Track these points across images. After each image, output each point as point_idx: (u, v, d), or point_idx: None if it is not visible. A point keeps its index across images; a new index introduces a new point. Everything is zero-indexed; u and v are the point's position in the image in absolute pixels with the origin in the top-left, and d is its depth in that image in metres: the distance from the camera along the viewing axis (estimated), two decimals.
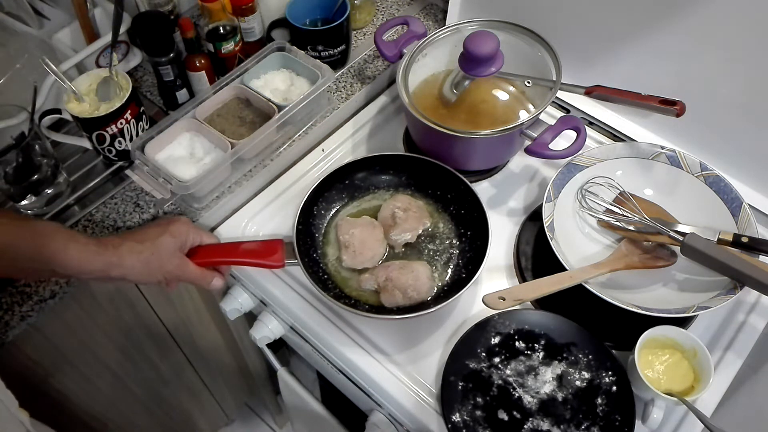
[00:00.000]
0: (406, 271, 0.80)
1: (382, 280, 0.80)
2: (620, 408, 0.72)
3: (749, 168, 0.87)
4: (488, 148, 0.90)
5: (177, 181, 0.82)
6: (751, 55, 0.79)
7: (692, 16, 0.81)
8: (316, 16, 1.04)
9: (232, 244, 0.82)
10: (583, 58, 0.94)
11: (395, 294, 0.79)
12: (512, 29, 0.90)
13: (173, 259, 0.73)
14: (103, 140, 0.86)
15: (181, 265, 0.74)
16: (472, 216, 0.85)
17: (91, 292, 0.89)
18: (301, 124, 0.97)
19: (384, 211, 0.87)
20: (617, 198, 0.87)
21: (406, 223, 0.85)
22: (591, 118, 1.00)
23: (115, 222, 0.86)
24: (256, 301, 0.92)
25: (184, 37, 0.93)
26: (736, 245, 0.77)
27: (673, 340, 0.75)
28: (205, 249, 0.78)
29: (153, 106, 1.00)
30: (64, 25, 0.97)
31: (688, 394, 0.72)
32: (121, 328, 1.00)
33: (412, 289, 0.79)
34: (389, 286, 0.79)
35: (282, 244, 0.81)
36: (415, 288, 0.79)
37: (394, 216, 0.86)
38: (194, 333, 1.17)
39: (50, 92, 0.88)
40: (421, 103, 0.88)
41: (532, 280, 0.83)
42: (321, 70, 0.94)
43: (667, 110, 0.80)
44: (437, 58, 0.94)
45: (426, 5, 1.17)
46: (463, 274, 0.83)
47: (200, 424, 1.47)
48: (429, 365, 0.79)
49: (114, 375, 1.05)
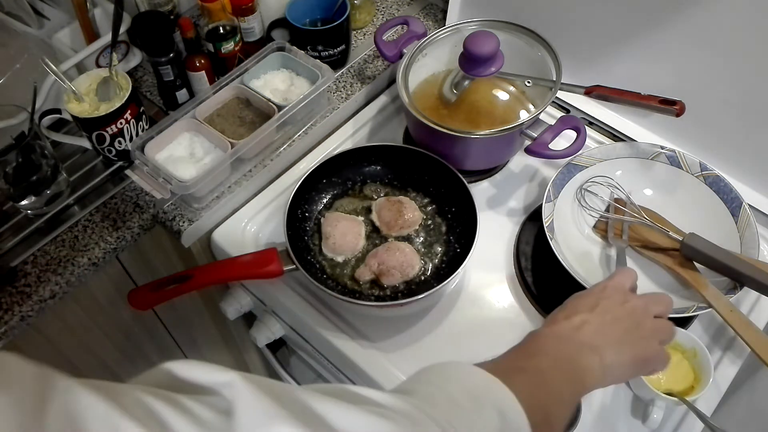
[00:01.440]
0: (393, 250, 0.82)
1: (376, 266, 0.81)
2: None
3: (749, 168, 0.87)
4: (488, 148, 0.90)
5: (177, 181, 0.82)
6: (751, 55, 0.79)
7: (692, 16, 0.81)
8: (316, 16, 1.04)
9: (227, 261, 0.82)
10: (583, 58, 0.94)
11: (394, 273, 0.80)
12: (512, 29, 0.90)
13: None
14: (103, 140, 0.86)
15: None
16: (461, 208, 0.86)
17: (91, 292, 0.89)
18: (301, 124, 0.97)
19: (377, 208, 0.87)
20: (612, 203, 0.86)
21: (401, 219, 0.85)
22: (591, 118, 1.00)
23: (115, 222, 0.86)
24: (256, 301, 0.92)
25: (184, 37, 0.93)
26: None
27: (673, 340, 0.75)
28: (201, 270, 0.79)
29: (153, 106, 1.00)
30: (64, 25, 0.97)
31: (688, 394, 0.72)
32: (121, 328, 1.00)
33: (406, 264, 0.81)
34: (384, 268, 0.80)
35: (276, 252, 0.81)
36: (407, 263, 0.81)
37: (388, 213, 0.86)
38: (194, 333, 1.17)
39: (50, 92, 0.88)
40: (421, 103, 0.88)
41: (531, 280, 0.83)
42: (321, 70, 0.94)
43: (667, 110, 0.80)
44: (437, 58, 0.94)
45: (426, 5, 1.17)
46: (458, 249, 0.84)
47: None
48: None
49: (114, 375, 1.05)
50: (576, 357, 0.53)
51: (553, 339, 0.54)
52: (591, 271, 0.82)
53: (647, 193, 0.89)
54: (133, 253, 0.92)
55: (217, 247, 0.90)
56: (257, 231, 0.91)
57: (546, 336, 0.55)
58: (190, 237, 0.89)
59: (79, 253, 0.83)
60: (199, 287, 0.79)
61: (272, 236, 0.90)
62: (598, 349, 0.53)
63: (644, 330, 0.57)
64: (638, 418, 0.74)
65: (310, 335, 0.85)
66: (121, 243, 0.85)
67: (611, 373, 0.54)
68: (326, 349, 0.84)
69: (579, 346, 0.53)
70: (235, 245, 0.88)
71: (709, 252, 0.76)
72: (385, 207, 0.86)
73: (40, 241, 0.84)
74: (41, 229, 0.86)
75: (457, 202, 0.86)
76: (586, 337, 0.54)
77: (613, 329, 0.55)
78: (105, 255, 0.84)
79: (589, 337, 0.54)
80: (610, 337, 0.55)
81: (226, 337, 1.24)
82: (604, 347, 0.54)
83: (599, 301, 0.57)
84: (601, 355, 0.53)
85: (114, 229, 0.85)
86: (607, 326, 0.55)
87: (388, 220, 0.85)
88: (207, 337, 1.21)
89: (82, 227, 0.86)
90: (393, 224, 0.84)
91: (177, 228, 0.87)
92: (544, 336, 0.55)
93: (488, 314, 0.83)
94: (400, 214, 0.85)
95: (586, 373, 0.52)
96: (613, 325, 0.56)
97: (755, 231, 0.80)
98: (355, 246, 0.84)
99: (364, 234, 0.86)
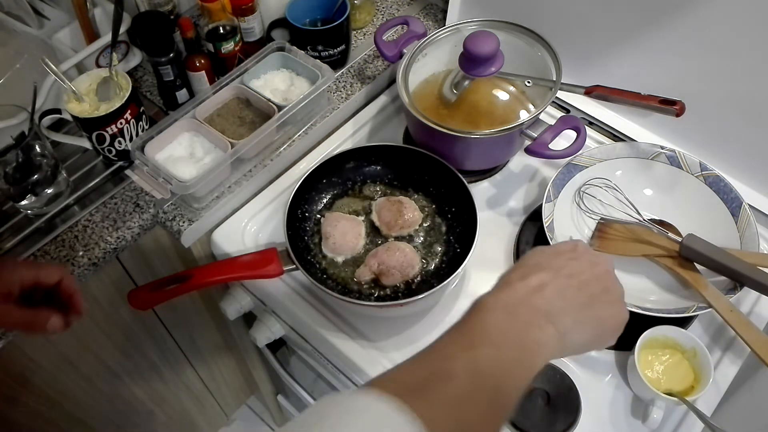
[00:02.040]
0: (393, 250, 0.82)
1: (376, 266, 0.81)
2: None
3: (749, 168, 0.87)
4: (488, 148, 0.90)
5: (177, 181, 0.82)
6: (751, 55, 0.79)
7: (692, 16, 0.80)
8: (316, 16, 1.04)
9: (227, 261, 0.82)
10: (583, 58, 0.94)
11: (394, 273, 0.80)
12: (512, 29, 0.90)
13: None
14: (103, 140, 0.86)
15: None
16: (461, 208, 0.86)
17: (91, 292, 0.89)
18: (301, 124, 0.97)
19: (377, 208, 0.87)
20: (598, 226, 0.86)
21: (401, 219, 0.85)
22: (591, 118, 1.00)
23: (115, 222, 0.86)
24: (256, 301, 0.92)
25: (184, 37, 0.93)
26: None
27: (673, 340, 0.75)
28: (201, 270, 0.79)
29: (153, 106, 1.00)
30: (64, 25, 0.97)
31: (688, 394, 0.72)
32: (121, 328, 1.00)
33: (406, 264, 0.81)
34: (384, 268, 0.80)
35: (276, 252, 0.81)
36: (408, 263, 0.81)
37: (388, 213, 0.86)
38: (194, 333, 1.17)
39: (50, 92, 0.88)
40: (421, 103, 0.88)
41: None
42: (321, 70, 0.94)
43: (667, 110, 0.80)
44: (437, 58, 0.94)
45: (426, 5, 1.17)
46: (458, 249, 0.84)
47: (200, 424, 1.47)
48: None
49: (114, 375, 1.05)
50: (526, 334, 0.46)
51: (501, 313, 0.47)
52: None
53: (647, 193, 0.89)
54: (133, 253, 0.92)
55: (217, 247, 0.90)
56: (257, 231, 0.91)
57: (493, 309, 0.48)
58: (190, 237, 0.89)
59: (79, 253, 0.83)
60: (199, 287, 0.79)
61: (272, 236, 0.90)
62: (556, 316, 0.47)
63: (613, 294, 0.52)
64: (638, 418, 0.74)
65: (310, 335, 0.85)
66: (121, 243, 0.85)
67: (571, 343, 0.48)
68: (326, 349, 0.84)
69: (533, 315, 0.47)
70: (235, 245, 0.88)
71: (708, 253, 0.76)
72: (385, 207, 0.86)
73: (40, 241, 0.84)
74: (41, 229, 0.86)
75: (457, 202, 0.86)
76: (543, 302, 0.48)
77: (578, 294, 0.49)
78: (105, 255, 0.84)
79: (546, 301, 0.48)
80: (572, 302, 0.49)
81: (226, 337, 1.24)
82: (562, 314, 0.48)
83: (567, 261, 0.51)
84: (558, 324, 0.47)
85: (114, 229, 0.85)
86: (571, 290, 0.49)
87: (388, 220, 0.85)
88: (207, 337, 1.21)
89: (82, 227, 0.86)
90: (393, 224, 0.84)
91: (177, 228, 0.87)
92: (491, 309, 0.48)
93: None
94: (400, 214, 0.85)
95: (539, 350, 0.46)
96: (580, 291, 0.50)
97: (755, 231, 0.80)
98: (355, 246, 0.84)
99: (364, 234, 0.86)
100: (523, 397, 0.72)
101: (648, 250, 0.81)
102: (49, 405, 0.97)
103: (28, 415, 0.95)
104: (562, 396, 0.74)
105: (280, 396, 1.41)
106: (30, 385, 0.91)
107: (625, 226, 0.84)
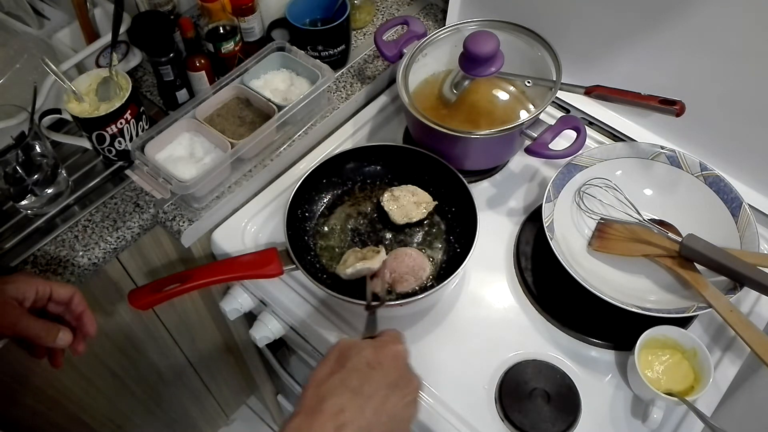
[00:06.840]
0: (401, 256, 0.82)
1: (389, 276, 0.81)
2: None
3: (749, 168, 0.87)
4: (488, 148, 0.90)
5: (177, 181, 0.82)
6: (751, 55, 0.79)
7: (692, 16, 0.81)
8: (316, 16, 1.04)
9: (227, 261, 0.82)
10: (583, 58, 0.94)
11: (408, 279, 0.80)
12: (512, 29, 0.90)
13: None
14: (103, 140, 0.86)
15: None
16: (461, 208, 0.86)
17: (91, 292, 0.89)
18: (301, 124, 0.97)
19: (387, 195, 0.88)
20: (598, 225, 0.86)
21: (410, 204, 0.86)
22: (591, 118, 1.00)
23: (115, 222, 0.86)
24: (256, 301, 0.92)
25: (184, 37, 0.93)
26: None
27: (673, 340, 0.75)
28: (201, 270, 0.79)
29: (153, 106, 1.00)
30: (64, 25, 0.97)
31: (688, 394, 0.72)
32: (121, 328, 1.00)
33: (418, 267, 0.81)
34: (397, 276, 0.80)
35: (276, 252, 0.81)
36: (419, 266, 0.81)
37: (398, 200, 0.87)
38: (194, 333, 1.17)
39: (50, 92, 0.88)
40: (421, 103, 0.88)
41: (531, 280, 0.84)
42: (321, 70, 0.94)
43: (667, 110, 0.80)
44: (437, 58, 0.94)
45: (426, 5, 1.17)
46: (458, 249, 0.84)
47: (200, 424, 1.47)
48: (432, 365, 0.79)
49: (114, 375, 1.05)
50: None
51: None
52: (591, 271, 0.82)
53: (647, 193, 0.89)
54: (133, 253, 0.92)
55: (217, 247, 0.90)
56: (257, 231, 0.91)
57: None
58: (190, 237, 0.89)
59: (79, 253, 0.83)
60: (199, 287, 0.79)
61: (272, 236, 0.90)
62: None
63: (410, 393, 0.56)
64: (638, 418, 0.74)
65: (310, 335, 0.85)
66: (121, 243, 0.85)
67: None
68: (326, 349, 0.83)
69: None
70: (235, 245, 0.88)
71: (708, 252, 0.76)
72: (397, 198, 0.87)
73: (40, 241, 0.84)
74: (41, 229, 0.86)
75: (457, 202, 0.86)
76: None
77: (379, 414, 0.52)
78: (105, 255, 0.84)
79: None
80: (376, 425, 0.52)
81: (226, 337, 1.24)
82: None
83: (362, 383, 0.53)
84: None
85: (114, 229, 0.85)
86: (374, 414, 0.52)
87: (405, 203, 0.85)
88: (207, 337, 1.21)
89: (82, 227, 0.86)
90: (408, 208, 0.85)
91: (177, 228, 0.87)
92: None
93: (488, 314, 0.83)
94: (413, 195, 0.86)
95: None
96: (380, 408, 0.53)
97: (755, 231, 0.80)
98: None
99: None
100: (524, 397, 0.73)
101: (648, 250, 0.82)
102: (49, 405, 0.97)
103: (28, 415, 0.95)
104: (562, 396, 0.74)
105: (280, 396, 1.41)
106: (30, 385, 0.91)
107: (625, 226, 0.84)
